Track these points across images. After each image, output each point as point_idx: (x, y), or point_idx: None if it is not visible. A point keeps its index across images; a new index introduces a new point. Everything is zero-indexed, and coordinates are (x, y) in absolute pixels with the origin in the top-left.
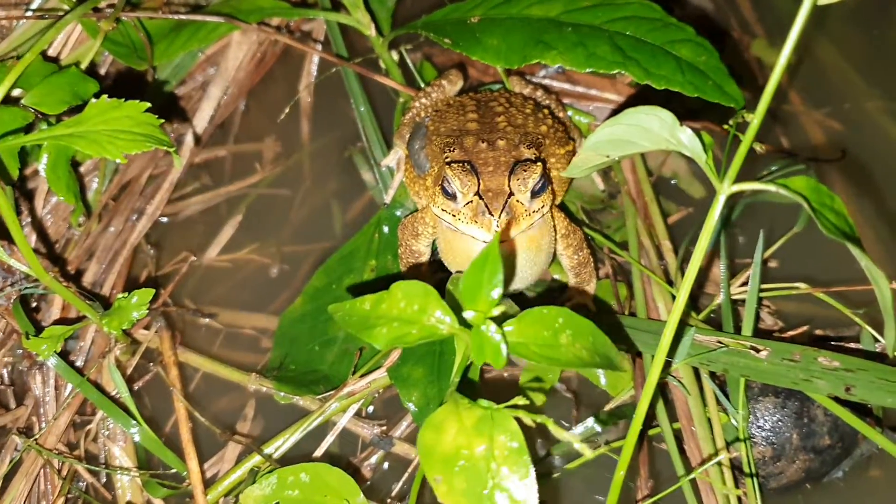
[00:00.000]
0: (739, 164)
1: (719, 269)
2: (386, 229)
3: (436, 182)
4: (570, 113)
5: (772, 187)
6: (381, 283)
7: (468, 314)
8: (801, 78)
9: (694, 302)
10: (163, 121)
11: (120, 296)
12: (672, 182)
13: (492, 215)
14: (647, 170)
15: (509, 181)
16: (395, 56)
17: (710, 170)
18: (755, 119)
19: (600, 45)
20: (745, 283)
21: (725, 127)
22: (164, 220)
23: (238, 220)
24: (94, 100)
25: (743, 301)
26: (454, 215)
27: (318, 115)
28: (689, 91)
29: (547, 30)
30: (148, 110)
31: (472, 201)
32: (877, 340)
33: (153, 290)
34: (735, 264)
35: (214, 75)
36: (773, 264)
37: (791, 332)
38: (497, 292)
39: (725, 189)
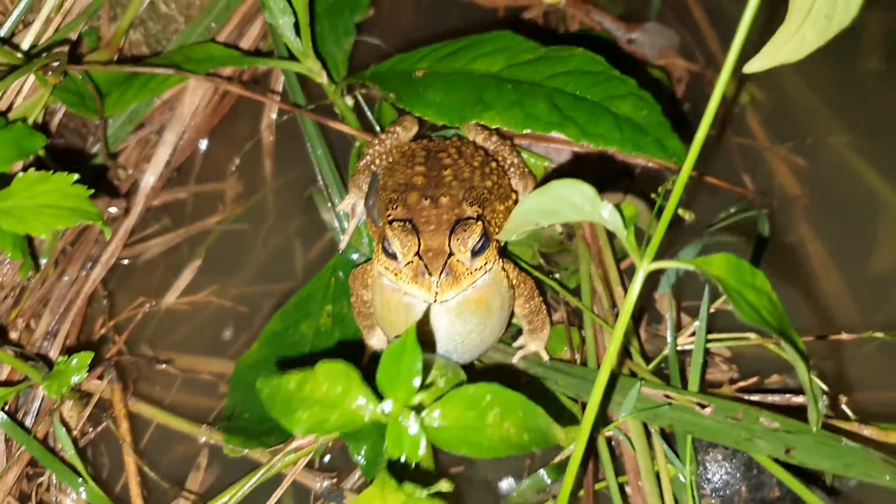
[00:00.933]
0: (657, 243)
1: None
2: (342, 275)
3: (378, 240)
4: (525, 156)
5: (689, 266)
6: (318, 357)
7: (386, 404)
8: (763, 111)
9: (644, 351)
10: (92, 191)
11: (60, 359)
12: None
13: (431, 275)
14: None
15: (450, 241)
16: (349, 101)
17: (631, 246)
18: (673, 195)
19: (538, 104)
20: (693, 335)
21: (653, 196)
22: (125, 261)
23: (197, 264)
24: (21, 174)
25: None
26: (395, 274)
27: (280, 154)
28: (628, 149)
29: (488, 87)
30: (92, 169)
31: (412, 261)
32: (824, 392)
33: (92, 354)
34: (692, 305)
35: (170, 120)
36: (728, 306)
37: (742, 383)
38: (417, 380)
39: (644, 266)
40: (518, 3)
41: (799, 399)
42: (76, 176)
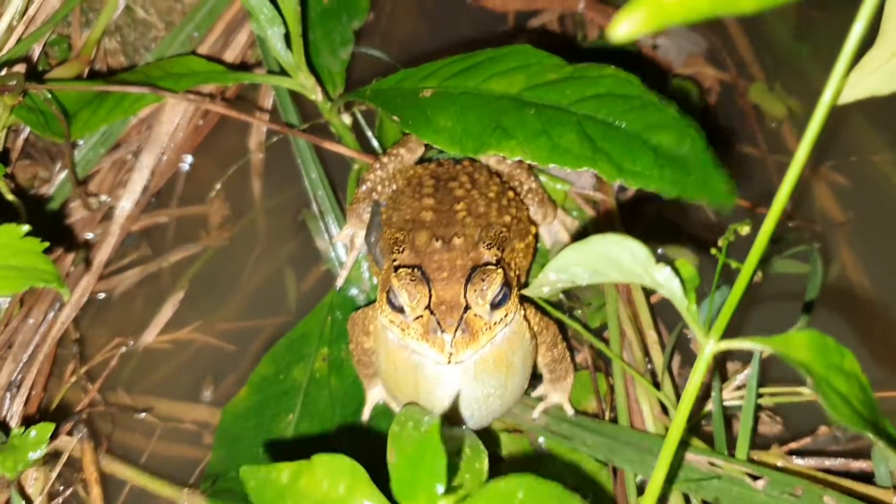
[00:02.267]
0: (727, 320)
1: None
2: (339, 314)
3: (382, 288)
4: (543, 179)
5: (765, 347)
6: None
7: None
8: (802, 125)
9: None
10: (47, 244)
11: (15, 431)
12: (659, 250)
13: (444, 333)
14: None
15: (466, 291)
16: (347, 119)
17: (693, 319)
18: (746, 267)
19: (566, 134)
20: (741, 387)
21: (713, 252)
22: (101, 295)
23: (179, 297)
24: None
25: (739, 407)
26: (402, 329)
27: (270, 172)
28: (668, 190)
29: (507, 111)
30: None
31: (422, 316)
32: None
33: (52, 426)
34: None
35: (147, 141)
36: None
37: (794, 444)
38: (440, 488)
39: (710, 348)
40: (530, 7)
41: (859, 464)
42: (26, 228)
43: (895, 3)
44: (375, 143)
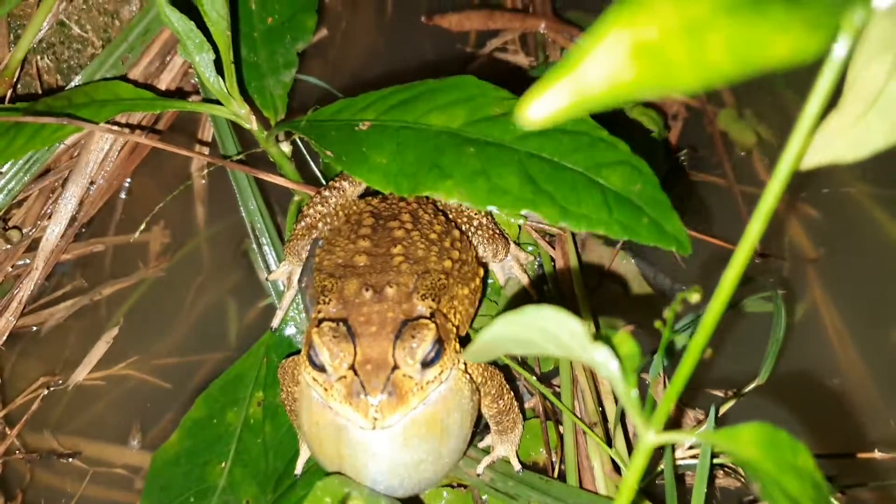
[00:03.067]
0: (667, 410)
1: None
2: (275, 357)
3: (305, 342)
4: (497, 212)
5: (710, 442)
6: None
7: None
8: (772, 154)
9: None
10: None
11: None
12: (619, 287)
13: (368, 396)
14: (582, 269)
15: (394, 348)
16: (287, 148)
17: (631, 406)
18: (692, 348)
19: (507, 174)
20: (694, 446)
21: (657, 325)
22: (34, 328)
23: (113, 334)
24: None
25: (695, 465)
26: (325, 389)
27: (214, 198)
28: (617, 233)
29: (446, 148)
30: None
31: (345, 376)
32: None
33: None
34: (694, 393)
35: (73, 171)
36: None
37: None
38: None
39: (649, 440)
40: (489, 27)
41: None
42: None
43: (858, 65)
44: (318, 173)
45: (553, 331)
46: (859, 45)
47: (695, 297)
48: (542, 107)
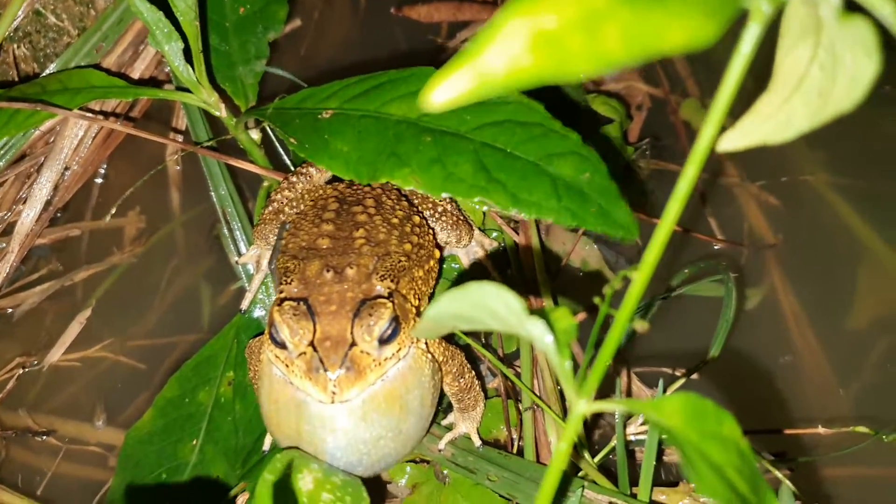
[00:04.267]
0: (597, 380)
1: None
2: (245, 338)
3: (268, 322)
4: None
5: (634, 410)
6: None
7: None
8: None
9: (590, 435)
10: None
11: None
12: (580, 273)
13: (327, 371)
14: (545, 255)
15: (353, 326)
16: (256, 135)
17: (565, 376)
18: (619, 316)
19: (462, 163)
20: (647, 422)
21: (596, 300)
22: (10, 310)
23: (86, 315)
24: None
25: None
26: (287, 365)
27: (188, 183)
28: (566, 220)
29: (404, 137)
30: None
31: (305, 352)
32: (797, 498)
33: None
34: (650, 374)
35: (48, 156)
36: (691, 377)
37: None
38: None
39: (581, 408)
40: (458, 18)
41: None
42: None
43: (785, 48)
44: (287, 160)
45: (493, 306)
46: (782, 32)
47: (634, 275)
48: (445, 91)
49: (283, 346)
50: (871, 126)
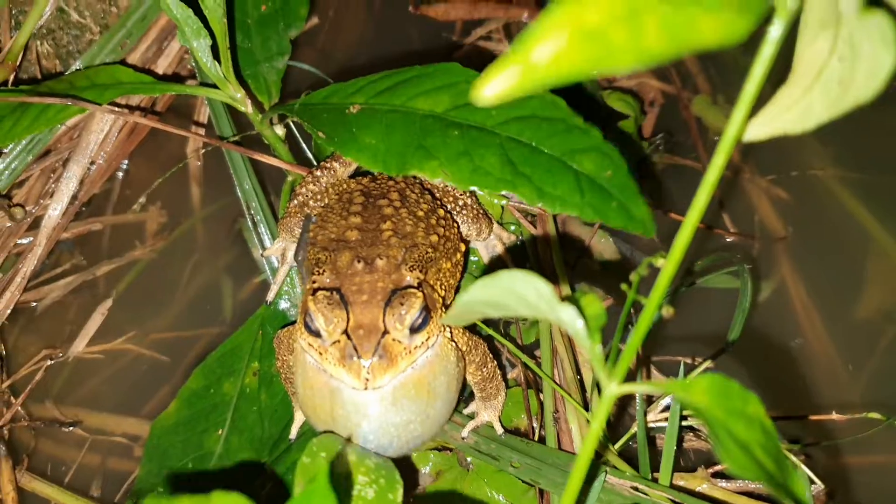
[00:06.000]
0: (628, 363)
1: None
2: (270, 329)
3: (302, 310)
4: (480, 193)
5: (664, 391)
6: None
7: None
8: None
9: (611, 426)
10: None
11: None
12: (597, 266)
13: (361, 358)
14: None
15: (384, 315)
16: (280, 131)
17: (596, 360)
18: (649, 304)
19: (488, 156)
20: (668, 408)
21: (623, 287)
22: (34, 304)
23: (107, 305)
24: None
25: (665, 429)
26: (320, 354)
27: (209, 179)
28: (588, 216)
29: (431, 131)
30: None
31: (339, 340)
32: (812, 483)
33: None
34: (667, 363)
35: (74, 151)
36: (701, 369)
37: (719, 466)
38: None
39: (611, 391)
40: (474, 17)
41: None
42: None
43: (805, 41)
44: (310, 155)
45: (524, 293)
46: (803, 24)
47: (660, 262)
48: (495, 85)
49: (317, 334)
50: (879, 122)
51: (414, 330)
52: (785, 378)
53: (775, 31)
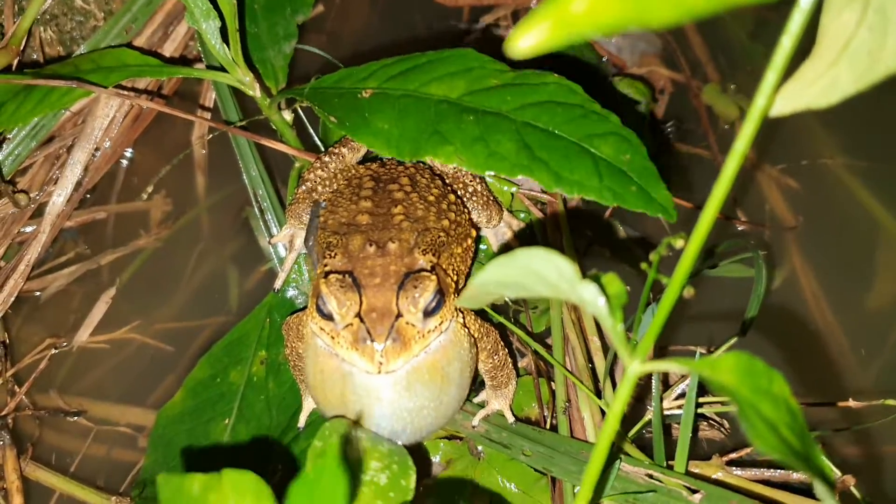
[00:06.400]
0: (652, 342)
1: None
2: (278, 317)
3: (313, 294)
4: (490, 180)
5: (690, 370)
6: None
7: None
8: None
9: (625, 415)
10: None
11: None
12: (607, 253)
13: (374, 342)
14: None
15: (398, 298)
16: (288, 116)
17: (618, 338)
18: (673, 282)
19: (504, 141)
20: (683, 395)
21: (644, 267)
22: (38, 293)
23: (111, 294)
24: None
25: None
26: (332, 338)
27: (214, 167)
28: (608, 200)
29: (446, 116)
30: None
31: (352, 324)
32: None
33: None
34: (681, 353)
35: (79, 136)
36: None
37: (733, 455)
38: None
39: (633, 370)
40: (482, 3)
41: (799, 475)
42: None
43: (832, 13)
44: (318, 141)
45: (542, 271)
46: None
47: (679, 243)
48: (532, 36)
49: (329, 317)
50: (887, 109)
51: (428, 313)
52: (797, 367)
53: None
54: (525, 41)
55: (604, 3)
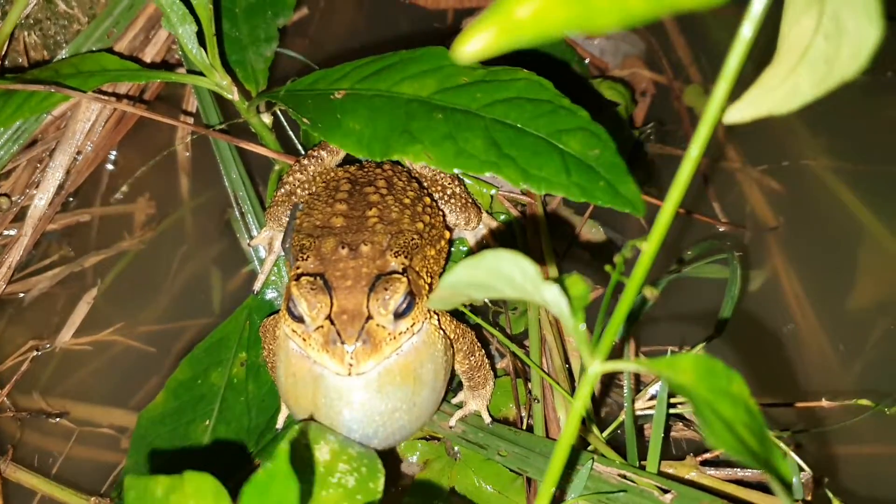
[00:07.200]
0: (611, 341)
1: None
2: (258, 319)
3: (285, 296)
4: (469, 182)
5: (642, 369)
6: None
7: None
8: (736, 128)
9: (598, 412)
10: None
11: None
12: (586, 255)
13: (344, 343)
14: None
15: (368, 300)
16: (268, 119)
17: (580, 339)
18: (631, 281)
19: (473, 139)
20: (654, 397)
21: (607, 268)
22: (21, 295)
23: (93, 294)
24: None
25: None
26: (304, 339)
27: (197, 170)
28: (575, 196)
29: (416, 115)
30: None
31: (322, 326)
32: (801, 470)
33: None
34: (658, 353)
35: (61, 140)
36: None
37: (707, 455)
38: None
39: (594, 370)
40: (464, 6)
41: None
42: None
43: (790, 20)
44: (298, 144)
45: (509, 273)
46: (787, 3)
47: (643, 245)
48: (477, 42)
49: (300, 319)
50: (870, 111)
51: (398, 315)
52: (776, 367)
53: (756, 8)
54: (471, 46)
55: (548, 9)
